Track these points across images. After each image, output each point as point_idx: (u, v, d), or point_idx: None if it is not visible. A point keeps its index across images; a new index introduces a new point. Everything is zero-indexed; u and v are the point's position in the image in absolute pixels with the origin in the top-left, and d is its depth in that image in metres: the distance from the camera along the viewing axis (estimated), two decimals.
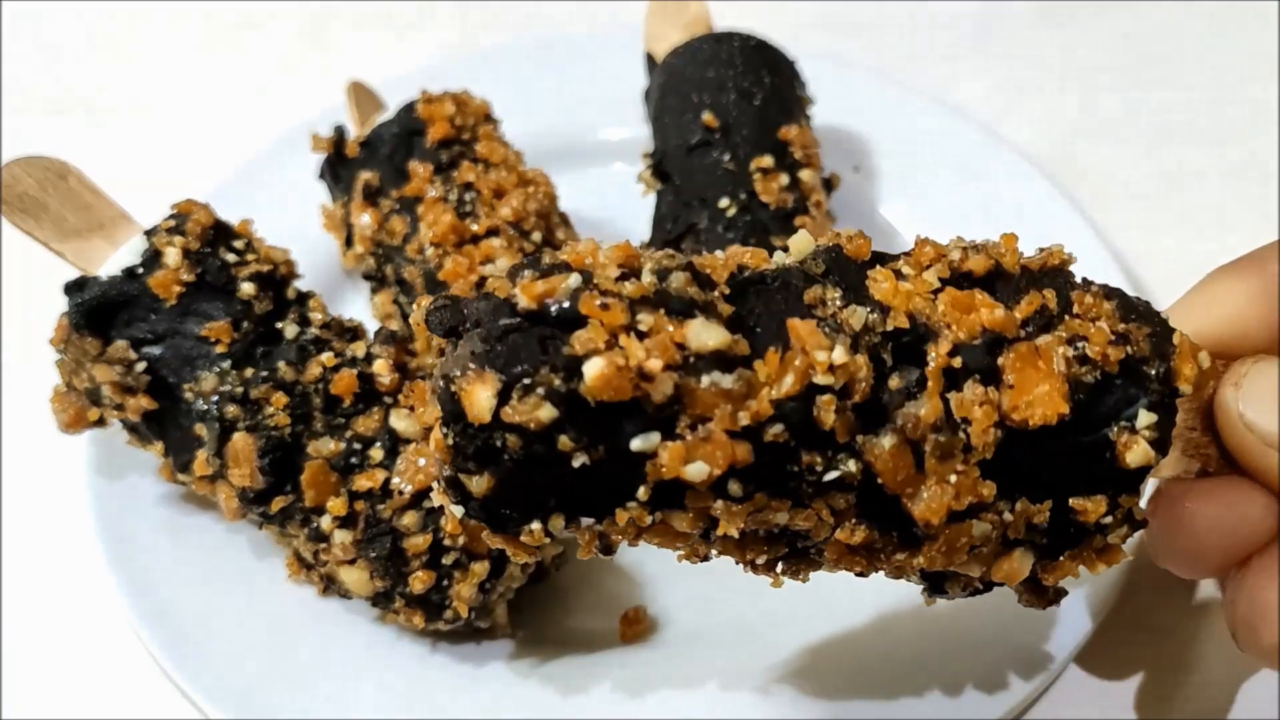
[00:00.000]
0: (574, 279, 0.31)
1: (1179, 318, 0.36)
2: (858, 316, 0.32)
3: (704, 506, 0.32)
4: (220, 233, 0.53)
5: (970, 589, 0.36)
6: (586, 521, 0.33)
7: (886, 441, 0.32)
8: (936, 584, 0.36)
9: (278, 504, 0.48)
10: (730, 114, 0.59)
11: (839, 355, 0.31)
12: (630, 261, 0.32)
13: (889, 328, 0.33)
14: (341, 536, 0.48)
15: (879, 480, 0.32)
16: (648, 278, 0.32)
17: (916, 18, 0.86)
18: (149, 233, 0.52)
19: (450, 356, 0.31)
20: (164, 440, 0.51)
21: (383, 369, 0.51)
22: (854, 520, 0.33)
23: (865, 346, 0.32)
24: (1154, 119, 0.77)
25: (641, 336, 0.30)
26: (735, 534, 0.32)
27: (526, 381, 0.30)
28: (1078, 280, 0.36)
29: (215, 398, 0.49)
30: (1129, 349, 0.34)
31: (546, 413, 0.30)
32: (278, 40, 0.89)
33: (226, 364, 0.49)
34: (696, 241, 0.56)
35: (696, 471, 0.30)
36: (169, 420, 0.50)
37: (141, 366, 0.49)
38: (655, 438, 0.30)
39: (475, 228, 0.56)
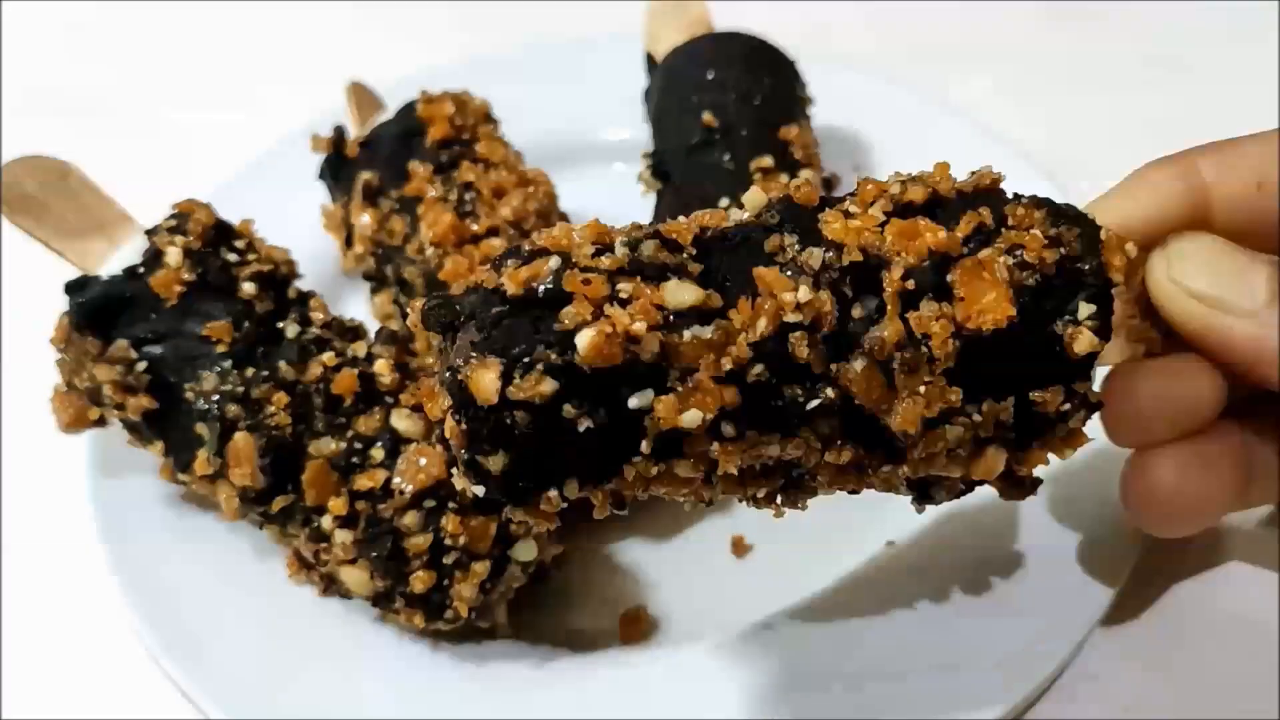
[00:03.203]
0: (554, 261, 0.34)
1: (1109, 209, 0.40)
2: (815, 257, 0.35)
3: (703, 451, 0.34)
4: (221, 232, 0.53)
5: (954, 492, 0.39)
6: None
7: (858, 365, 0.34)
8: (923, 492, 0.39)
9: (278, 504, 0.48)
10: (730, 114, 0.59)
11: (804, 294, 0.34)
12: (602, 237, 0.35)
13: (845, 262, 0.35)
14: (342, 536, 0.48)
15: (857, 402, 0.34)
16: (620, 250, 0.34)
17: (917, 17, 0.86)
18: (150, 232, 0.52)
19: (451, 350, 0.34)
20: (164, 440, 0.51)
21: (384, 369, 0.51)
22: (840, 442, 0.35)
23: (826, 282, 0.34)
24: (1155, 119, 0.77)
25: (624, 304, 0.33)
26: (734, 472, 0.35)
27: (526, 360, 0.33)
28: (1009, 196, 0.39)
29: (216, 397, 0.49)
30: (1063, 250, 0.36)
31: (548, 386, 0.32)
32: (278, 40, 0.89)
33: (227, 364, 0.49)
34: None
35: (691, 419, 0.33)
36: (169, 420, 0.50)
37: (142, 366, 0.49)
38: (650, 394, 0.33)
39: (475, 228, 0.56)
